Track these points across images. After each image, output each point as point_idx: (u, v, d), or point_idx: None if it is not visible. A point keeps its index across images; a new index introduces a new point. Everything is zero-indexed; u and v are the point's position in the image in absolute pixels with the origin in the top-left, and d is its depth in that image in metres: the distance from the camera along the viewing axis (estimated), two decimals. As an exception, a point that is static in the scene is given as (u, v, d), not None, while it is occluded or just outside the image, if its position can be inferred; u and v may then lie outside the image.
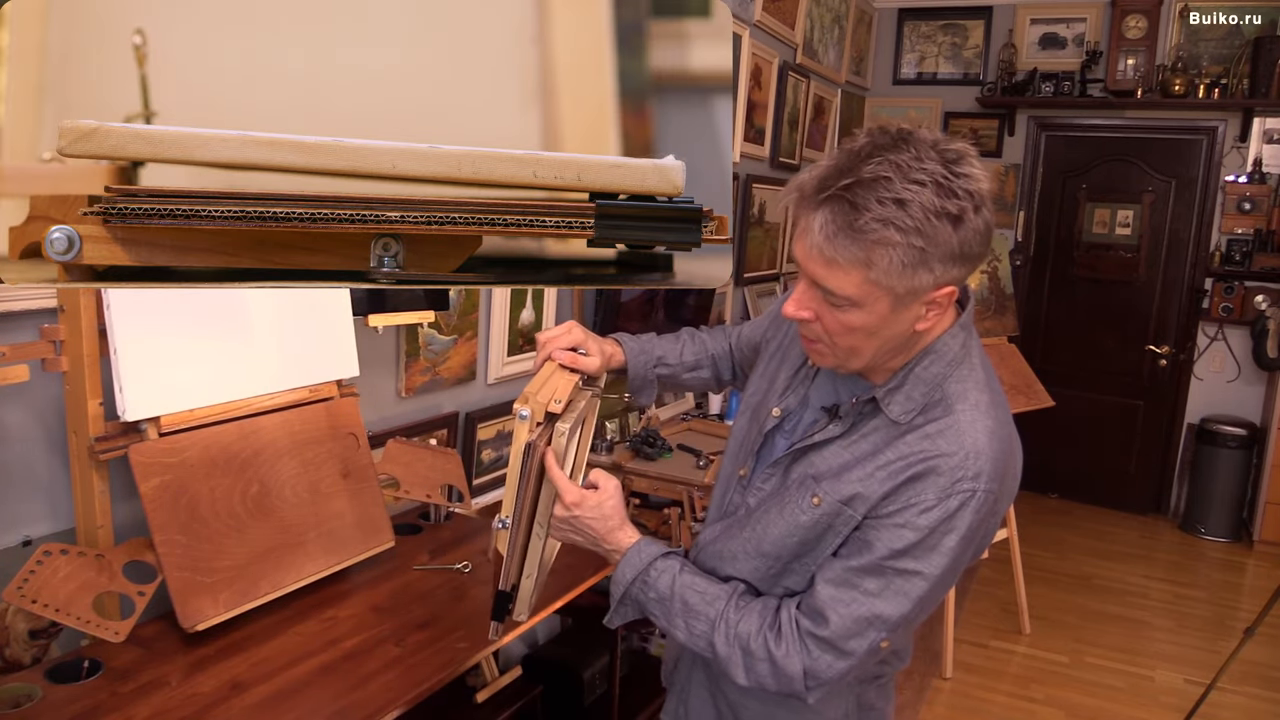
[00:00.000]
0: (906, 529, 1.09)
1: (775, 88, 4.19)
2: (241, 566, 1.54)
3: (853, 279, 1.03)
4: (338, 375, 1.80)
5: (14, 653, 1.44)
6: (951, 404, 1.12)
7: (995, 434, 1.11)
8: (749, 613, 1.17)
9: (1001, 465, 1.11)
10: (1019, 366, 3.66)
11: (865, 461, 1.13)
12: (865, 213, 0.99)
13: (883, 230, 0.99)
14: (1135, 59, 4.88)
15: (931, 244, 1.00)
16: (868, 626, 1.11)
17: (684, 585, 1.19)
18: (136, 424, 1.46)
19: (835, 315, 1.08)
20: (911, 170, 0.99)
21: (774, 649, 1.13)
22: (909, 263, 1.01)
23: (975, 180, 1.01)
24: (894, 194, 0.98)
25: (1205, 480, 4.89)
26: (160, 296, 1.48)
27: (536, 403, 1.18)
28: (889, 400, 1.13)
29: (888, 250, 1.00)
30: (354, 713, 1.33)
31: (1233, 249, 4.84)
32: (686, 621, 1.18)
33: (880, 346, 1.11)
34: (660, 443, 3.04)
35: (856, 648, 1.12)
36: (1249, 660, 3.40)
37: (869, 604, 1.11)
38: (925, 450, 1.10)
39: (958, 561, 1.11)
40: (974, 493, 1.08)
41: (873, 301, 1.04)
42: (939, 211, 0.99)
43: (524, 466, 1.17)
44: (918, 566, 1.09)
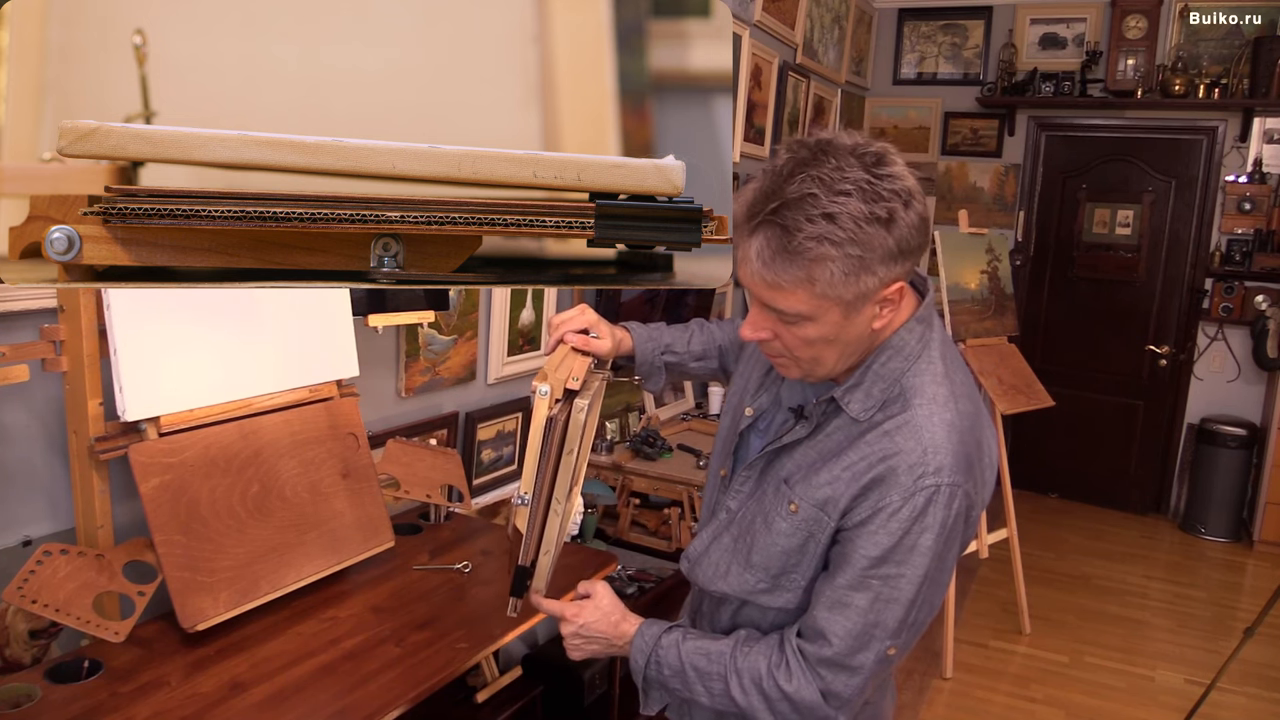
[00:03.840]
0: (880, 534, 1.09)
1: (775, 88, 4.19)
2: (241, 566, 1.54)
3: (799, 296, 1.05)
4: (338, 375, 1.80)
5: (14, 653, 1.44)
6: (909, 399, 1.12)
7: (954, 426, 1.11)
8: (754, 657, 1.18)
9: (964, 456, 1.11)
10: (1019, 366, 3.66)
11: (831, 462, 1.14)
12: (797, 233, 1.00)
13: (818, 247, 1.00)
14: (1135, 59, 4.88)
15: (868, 249, 1.01)
16: (869, 639, 1.12)
17: (690, 653, 1.21)
18: (136, 424, 1.46)
19: (791, 331, 1.09)
20: (835, 182, 1.00)
21: (785, 686, 1.14)
22: (850, 271, 1.02)
23: (899, 179, 1.03)
24: (821, 209, 1.00)
25: (1205, 480, 4.89)
26: (160, 296, 1.48)
27: (556, 379, 1.19)
28: (848, 399, 1.14)
29: (826, 265, 1.01)
30: (354, 713, 1.33)
31: (1233, 249, 4.84)
32: (704, 686, 1.20)
33: (842, 351, 1.12)
34: (660, 443, 3.04)
35: (864, 661, 1.12)
36: (1249, 660, 3.40)
37: (863, 617, 1.11)
38: (884, 449, 1.10)
39: (942, 558, 1.11)
40: (938, 488, 1.08)
41: (824, 313, 1.06)
42: (868, 217, 1.00)
43: (545, 442, 1.18)
44: (899, 570, 1.10)
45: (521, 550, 1.25)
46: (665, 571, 2.60)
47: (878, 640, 1.12)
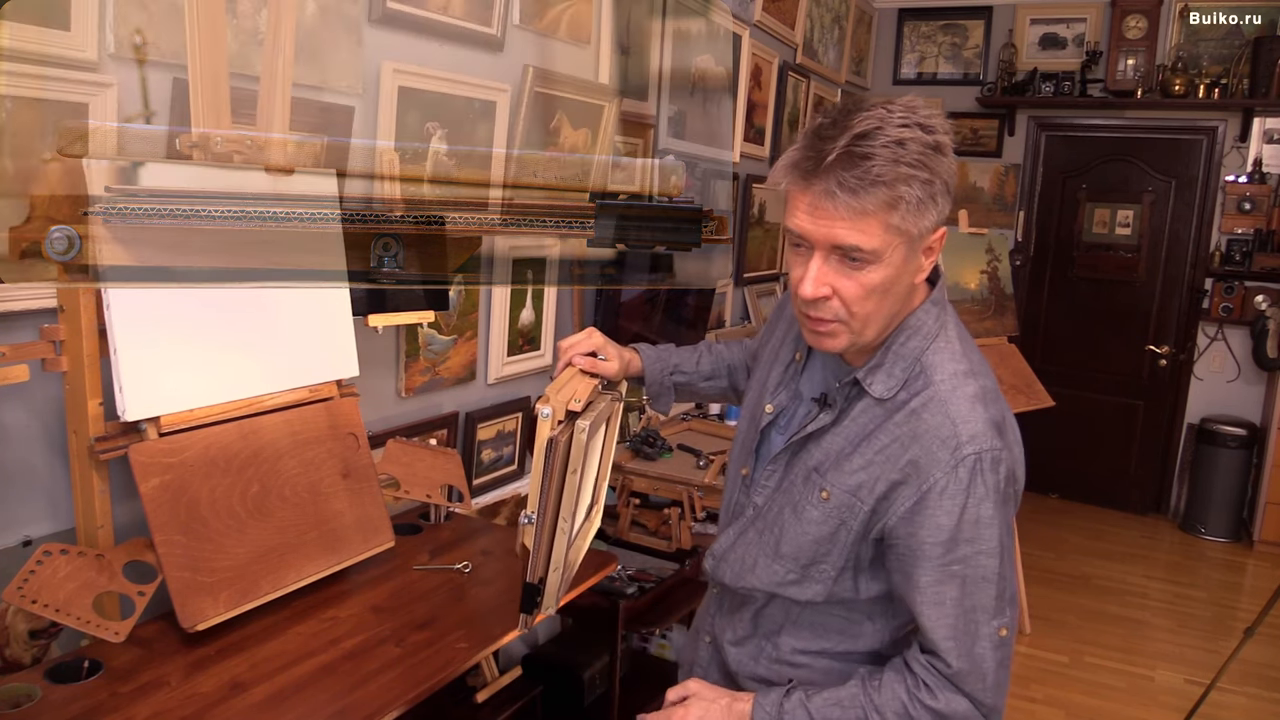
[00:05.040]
0: (939, 515, 1.09)
1: (775, 88, 4.19)
2: (241, 566, 1.54)
3: (877, 226, 1.05)
4: (338, 375, 1.80)
5: (14, 653, 1.44)
6: (930, 376, 1.14)
7: (978, 397, 1.13)
8: (889, 688, 1.16)
9: (993, 424, 1.12)
10: (1019, 366, 3.66)
11: (862, 446, 1.15)
12: (875, 158, 1.02)
13: (897, 169, 1.03)
14: (1135, 59, 4.88)
15: (935, 175, 1.05)
16: (974, 626, 1.11)
17: (819, 707, 1.18)
18: (136, 424, 1.46)
19: (855, 280, 1.08)
20: (891, 117, 1.04)
21: (932, 704, 1.13)
22: (923, 198, 1.05)
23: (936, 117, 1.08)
24: (892, 137, 1.03)
25: (1205, 480, 4.89)
26: (160, 296, 1.48)
27: (557, 401, 1.22)
28: (871, 379, 1.15)
29: (908, 187, 1.04)
30: (354, 713, 1.33)
31: (1233, 249, 4.84)
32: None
33: (890, 309, 1.13)
34: (660, 443, 3.04)
35: (984, 652, 1.12)
36: (1249, 660, 3.40)
37: (961, 609, 1.11)
38: (914, 428, 1.12)
39: (1005, 523, 1.11)
40: (979, 454, 1.09)
41: (891, 251, 1.07)
42: (930, 145, 1.05)
43: (547, 463, 1.20)
44: (974, 548, 1.10)
45: (529, 568, 1.26)
46: (665, 571, 2.60)
47: (983, 625, 1.11)
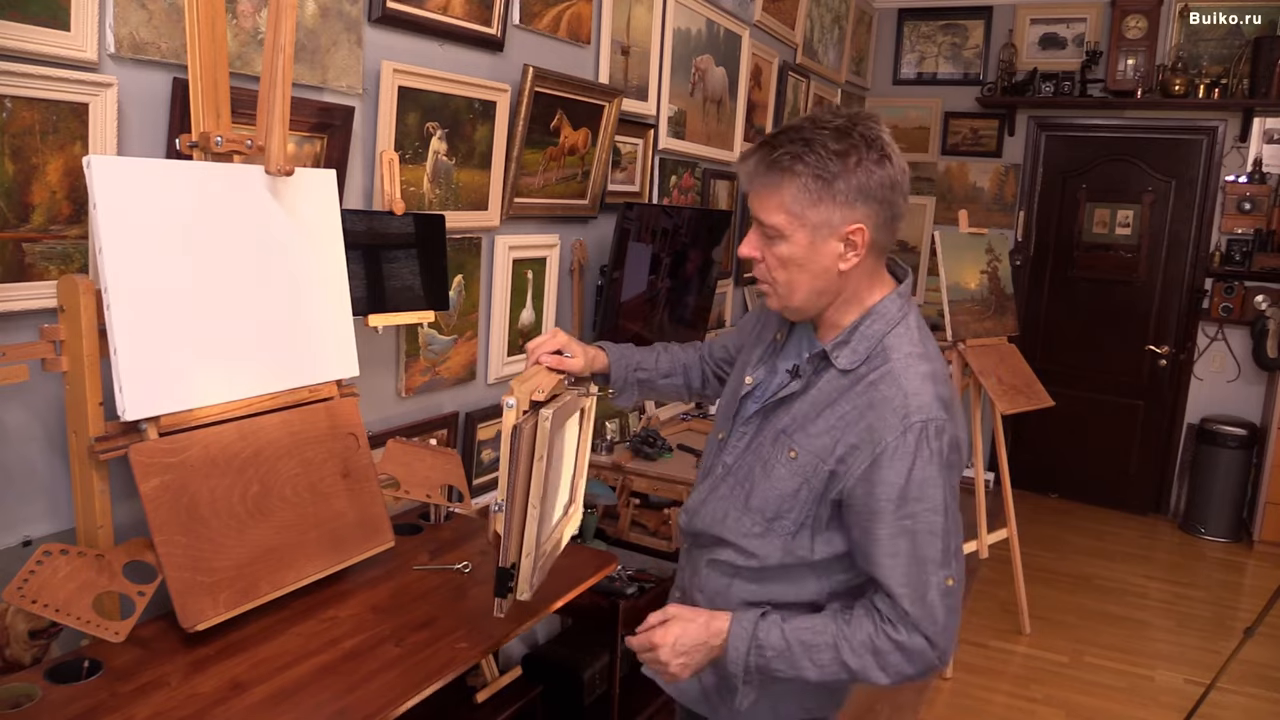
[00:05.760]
0: (889, 473, 1.24)
1: (775, 88, 4.19)
2: (241, 566, 1.54)
3: (772, 205, 1.27)
4: (338, 375, 1.80)
5: (14, 653, 1.44)
6: (889, 355, 1.29)
7: (929, 375, 1.28)
8: (858, 622, 1.28)
9: (941, 399, 1.27)
10: (1019, 366, 3.66)
11: (825, 412, 1.30)
12: (778, 149, 1.25)
13: (790, 162, 1.23)
14: (1135, 59, 4.88)
15: (831, 177, 1.23)
16: (925, 575, 1.24)
17: (794, 630, 1.29)
18: (136, 424, 1.46)
19: (771, 251, 1.29)
20: (819, 122, 1.25)
21: (896, 636, 1.25)
22: (813, 191, 1.23)
23: (876, 133, 1.25)
24: (802, 136, 1.24)
25: (1205, 480, 4.89)
26: (161, 296, 1.48)
27: (521, 392, 1.31)
28: (837, 353, 1.31)
29: (794, 178, 1.24)
30: (354, 713, 1.33)
31: (1233, 249, 4.84)
32: (811, 659, 1.28)
33: (812, 284, 1.30)
34: (660, 443, 3.04)
35: (934, 598, 1.25)
36: (1249, 660, 3.41)
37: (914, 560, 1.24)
38: (870, 397, 1.27)
39: (949, 484, 1.26)
40: (925, 423, 1.24)
41: (793, 231, 1.26)
42: (836, 151, 1.22)
43: (513, 450, 1.29)
44: (921, 505, 1.24)
45: (501, 553, 1.34)
46: (665, 571, 2.60)
47: (931, 575, 1.24)
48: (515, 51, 2.47)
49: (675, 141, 3.37)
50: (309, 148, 1.90)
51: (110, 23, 1.52)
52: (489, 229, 2.49)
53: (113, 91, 1.52)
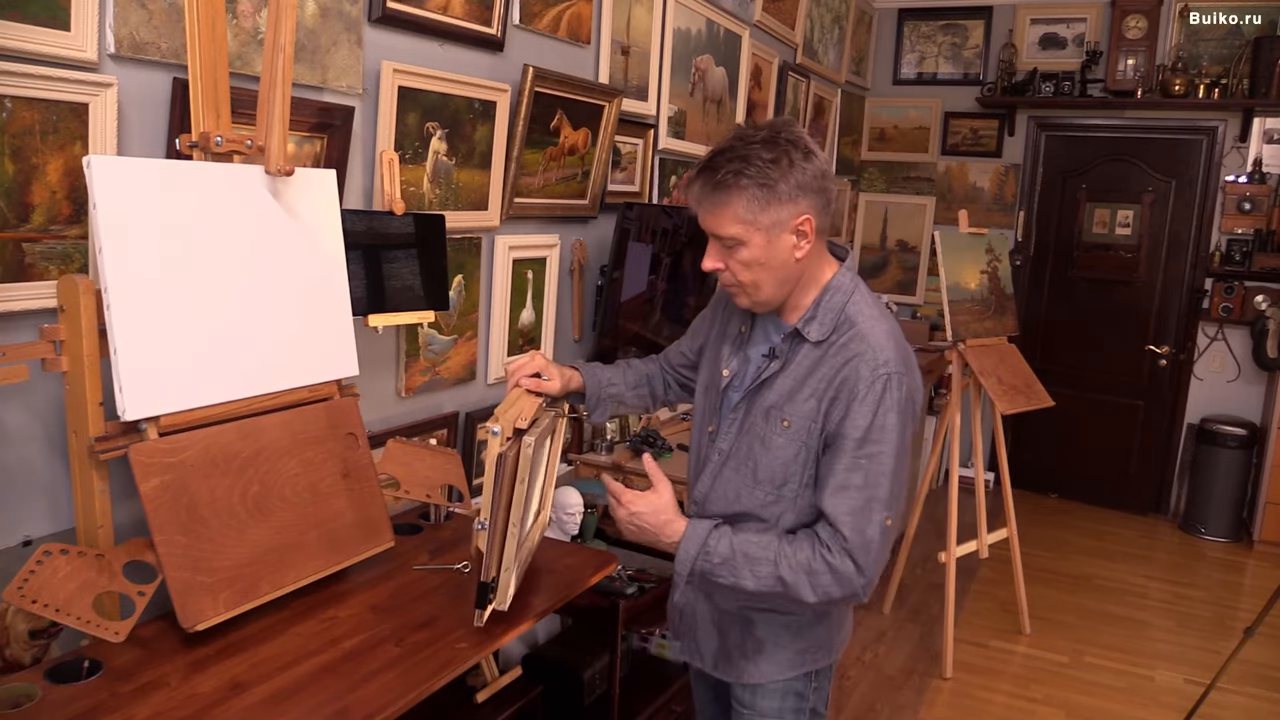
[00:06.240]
0: (857, 420, 1.41)
1: (775, 88, 4.19)
2: (241, 566, 1.54)
3: (727, 219, 1.41)
4: (338, 375, 1.80)
5: (14, 653, 1.44)
6: (854, 320, 1.47)
7: (890, 334, 1.47)
8: (799, 543, 1.43)
9: (902, 356, 1.45)
10: (1019, 366, 3.65)
11: (805, 381, 1.46)
12: (719, 170, 1.40)
13: (735, 179, 1.39)
14: (1135, 59, 4.88)
15: (775, 181, 1.38)
16: (871, 513, 1.40)
17: (741, 542, 1.45)
18: (136, 424, 1.46)
19: (733, 257, 1.45)
20: (748, 139, 1.40)
21: (831, 560, 1.40)
22: (760, 198, 1.39)
23: (796, 135, 1.41)
24: (738, 154, 1.39)
25: (1205, 480, 4.89)
26: (161, 297, 1.48)
27: (506, 420, 1.41)
28: (808, 328, 1.48)
29: (742, 192, 1.39)
30: (354, 713, 1.33)
31: (1233, 249, 4.84)
32: (752, 570, 1.43)
33: (775, 276, 1.46)
34: (660, 442, 3.04)
35: (873, 534, 1.40)
36: (1249, 660, 3.41)
37: (862, 495, 1.40)
38: (844, 356, 1.44)
39: (903, 434, 1.43)
40: (890, 375, 1.41)
41: (750, 236, 1.42)
42: (771, 159, 1.38)
43: (498, 476, 1.38)
44: (878, 448, 1.41)
45: (483, 568, 1.44)
46: (665, 571, 2.60)
47: (876, 512, 1.40)
48: (515, 51, 2.47)
49: (675, 141, 3.37)
50: (309, 148, 1.90)
51: (110, 23, 1.52)
52: (489, 229, 2.49)
53: (113, 91, 1.52)
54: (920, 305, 5.63)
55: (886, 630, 3.75)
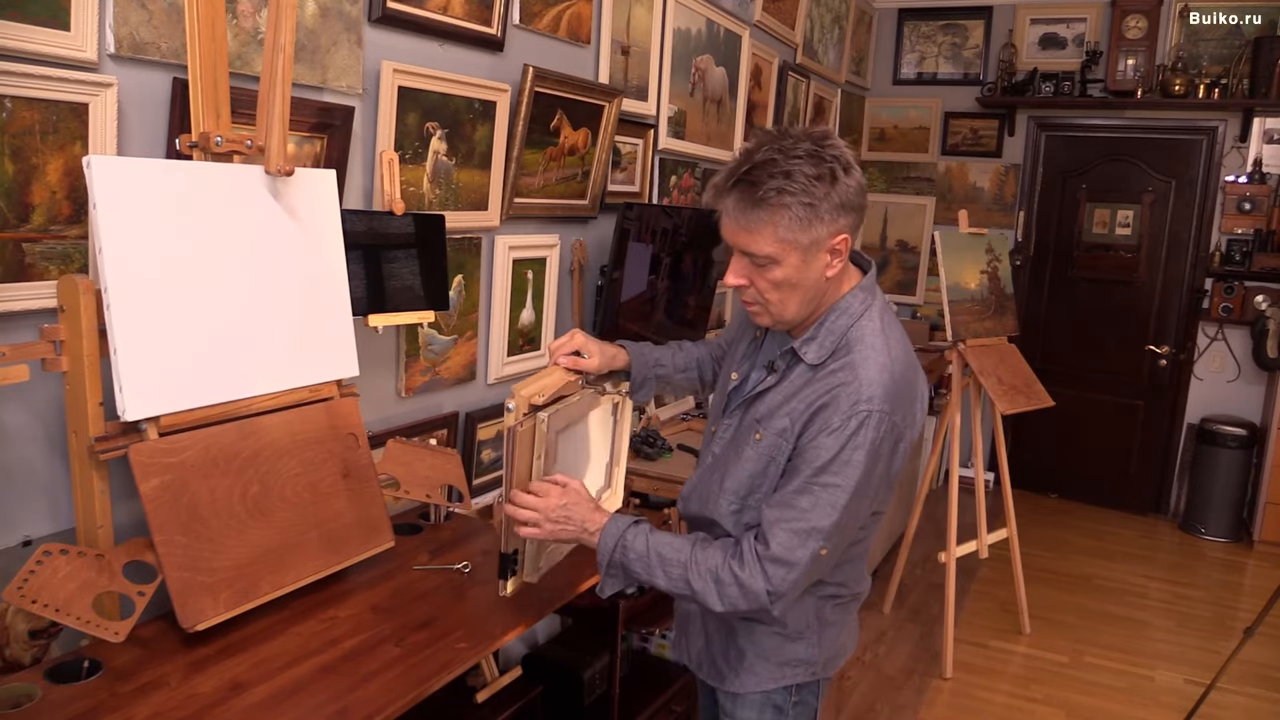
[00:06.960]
0: (821, 449, 1.35)
1: (775, 88, 4.19)
2: (241, 566, 1.54)
3: (765, 238, 1.33)
4: (338, 375, 1.80)
5: (14, 653, 1.44)
6: (852, 348, 1.40)
7: (886, 368, 1.38)
8: (713, 550, 1.40)
9: (894, 392, 1.37)
10: (1019, 366, 3.66)
11: (791, 400, 1.42)
12: (762, 186, 1.31)
13: (778, 196, 1.30)
14: (1135, 59, 4.88)
15: (819, 199, 1.31)
16: (806, 538, 1.35)
17: (656, 542, 1.43)
18: (136, 424, 1.46)
19: (762, 275, 1.38)
20: (790, 150, 1.31)
21: (739, 572, 1.36)
22: (803, 217, 1.31)
23: (839, 149, 1.34)
24: (781, 169, 1.30)
25: (1205, 480, 4.89)
26: (161, 296, 1.48)
27: (521, 397, 1.42)
28: (805, 349, 1.43)
29: (785, 211, 1.31)
30: (354, 713, 1.33)
31: (1233, 249, 4.84)
32: (664, 570, 1.41)
33: (803, 296, 1.40)
34: (660, 443, 3.04)
35: (801, 558, 1.35)
36: (1249, 660, 3.41)
37: (804, 519, 1.35)
38: (830, 384, 1.38)
39: (870, 474, 1.36)
40: (870, 414, 1.34)
41: (786, 255, 1.34)
42: (816, 176, 1.30)
43: (506, 449, 1.43)
44: (836, 480, 1.34)
45: (502, 540, 1.49)
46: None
47: (814, 540, 1.35)
48: (515, 51, 2.47)
49: (675, 141, 3.37)
50: (309, 148, 1.90)
51: (110, 23, 1.52)
52: (489, 229, 2.49)
53: (113, 91, 1.52)
54: (920, 305, 5.63)
55: (886, 630, 3.75)
